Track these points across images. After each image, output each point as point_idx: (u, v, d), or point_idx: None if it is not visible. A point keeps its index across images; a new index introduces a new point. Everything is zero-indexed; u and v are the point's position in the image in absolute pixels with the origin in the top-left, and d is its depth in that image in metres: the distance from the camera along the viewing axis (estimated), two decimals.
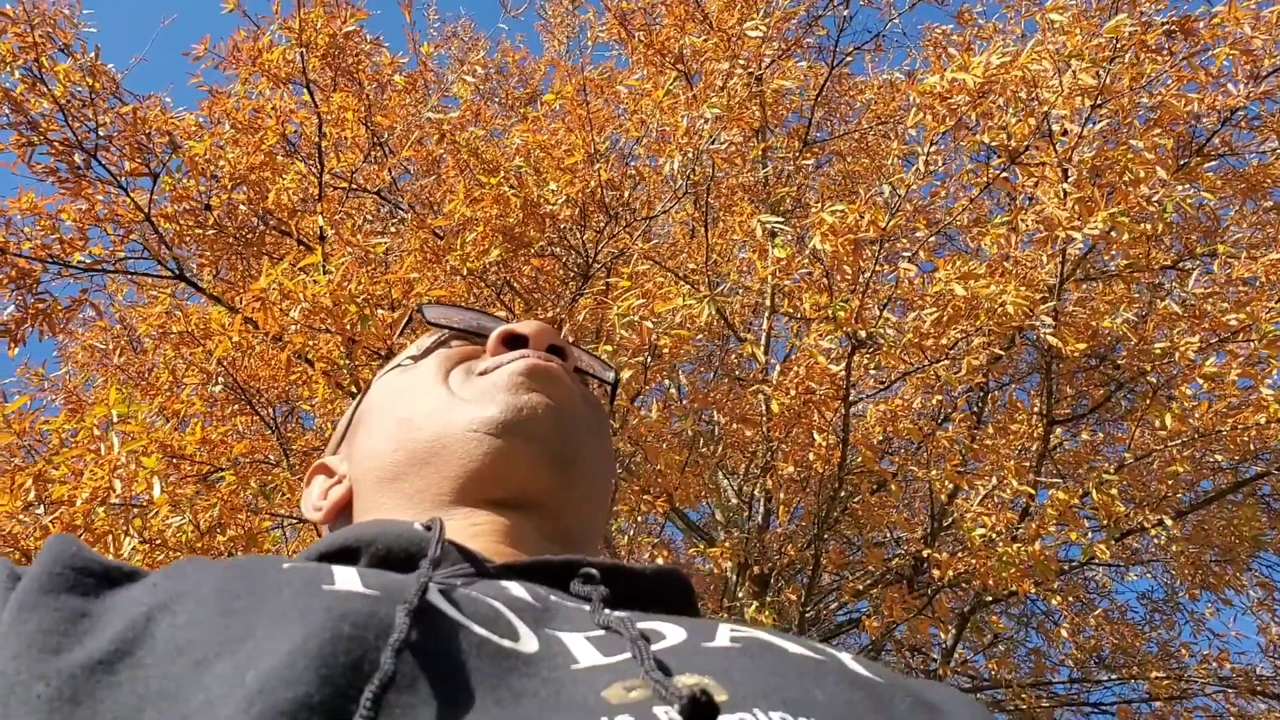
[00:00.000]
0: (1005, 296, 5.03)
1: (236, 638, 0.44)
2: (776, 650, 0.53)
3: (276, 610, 0.46)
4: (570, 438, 0.78)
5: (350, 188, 5.81)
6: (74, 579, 0.49)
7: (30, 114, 4.89)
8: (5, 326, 5.06)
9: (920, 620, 6.38)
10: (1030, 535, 5.59)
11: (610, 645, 0.51)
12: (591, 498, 0.81)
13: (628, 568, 0.65)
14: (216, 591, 0.48)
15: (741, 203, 7.62)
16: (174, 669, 0.43)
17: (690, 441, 7.63)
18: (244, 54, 5.50)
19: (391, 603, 0.48)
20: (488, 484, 0.74)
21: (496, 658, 0.48)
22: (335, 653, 0.42)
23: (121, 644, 0.44)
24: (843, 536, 8.45)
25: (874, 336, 5.44)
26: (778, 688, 0.47)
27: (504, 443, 0.74)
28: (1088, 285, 7.11)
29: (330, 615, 0.45)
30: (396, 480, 0.77)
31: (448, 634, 0.48)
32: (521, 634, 0.51)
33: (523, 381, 0.79)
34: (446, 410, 0.78)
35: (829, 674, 0.51)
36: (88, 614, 0.47)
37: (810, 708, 0.46)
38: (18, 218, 5.03)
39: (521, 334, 0.85)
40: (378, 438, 0.81)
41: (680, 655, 0.51)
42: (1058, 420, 6.55)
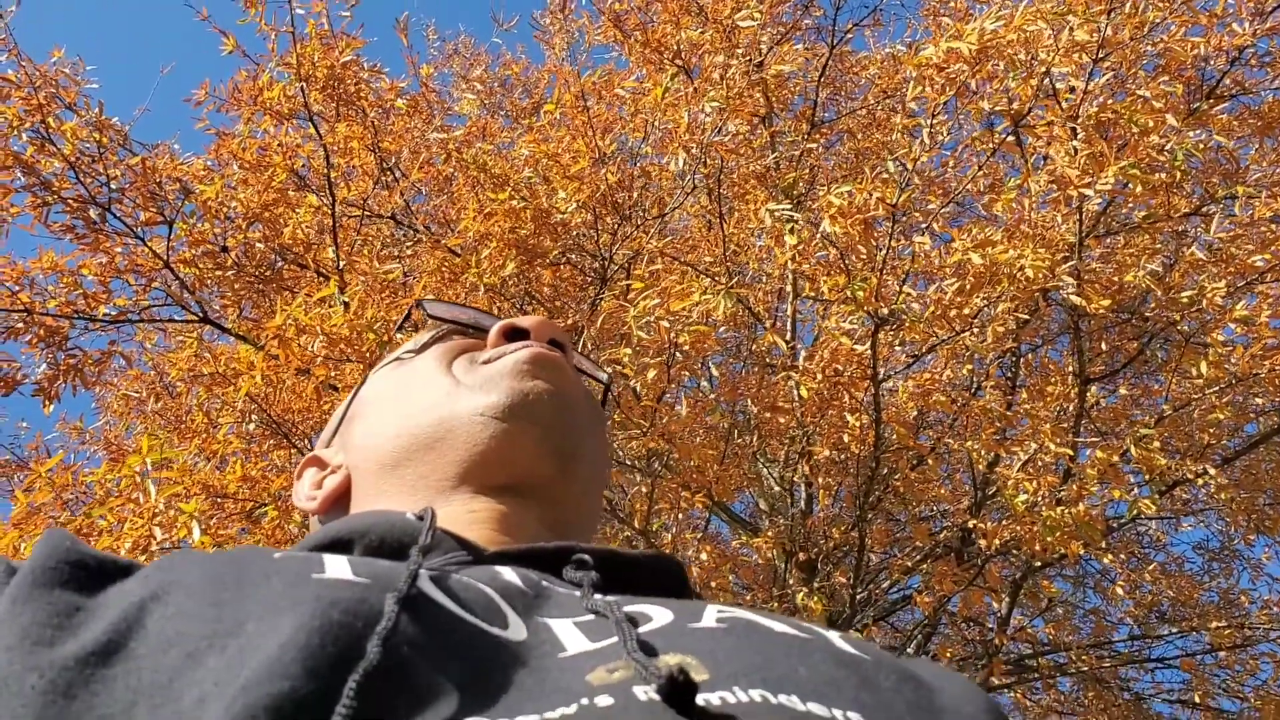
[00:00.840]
0: (1023, 261, 4.99)
1: (227, 629, 0.44)
2: (762, 629, 0.53)
3: (267, 600, 0.47)
4: (573, 427, 0.80)
5: (363, 215, 5.86)
6: (68, 573, 0.49)
7: (42, 174, 4.97)
8: (39, 385, 5.15)
9: (972, 591, 6.34)
10: (1073, 497, 5.53)
11: (598, 630, 0.52)
12: (589, 490, 0.82)
13: (621, 553, 0.66)
14: (207, 582, 0.49)
15: (755, 190, 7.59)
16: (165, 661, 0.43)
17: (726, 433, 7.63)
18: (245, 94, 5.56)
19: (381, 590, 0.48)
20: (492, 468, 0.75)
21: (485, 646, 0.48)
22: (323, 643, 0.42)
23: (115, 635, 0.44)
24: (887, 514, 8.41)
25: (896, 313, 5.42)
26: (760, 665, 0.47)
27: (510, 426, 0.76)
28: (1110, 240, 7.02)
29: (319, 604, 0.45)
30: (399, 467, 0.78)
31: (437, 622, 0.48)
32: (511, 622, 0.52)
33: (528, 369, 0.80)
34: (451, 396, 0.79)
35: (814, 651, 0.51)
36: (81, 607, 0.47)
37: (792, 685, 0.46)
38: (40, 277, 5.11)
39: (523, 327, 0.87)
40: (380, 426, 0.82)
41: (666, 636, 0.51)
42: (1091, 379, 6.48)
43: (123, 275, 5.36)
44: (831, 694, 0.46)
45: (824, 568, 6.88)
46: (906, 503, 8.13)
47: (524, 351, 0.82)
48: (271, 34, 5.42)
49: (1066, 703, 8.74)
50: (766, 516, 8.46)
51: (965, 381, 7.22)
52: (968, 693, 0.55)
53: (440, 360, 0.85)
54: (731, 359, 9.80)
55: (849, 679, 0.49)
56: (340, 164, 5.98)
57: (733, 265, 7.01)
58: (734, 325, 8.51)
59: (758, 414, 7.23)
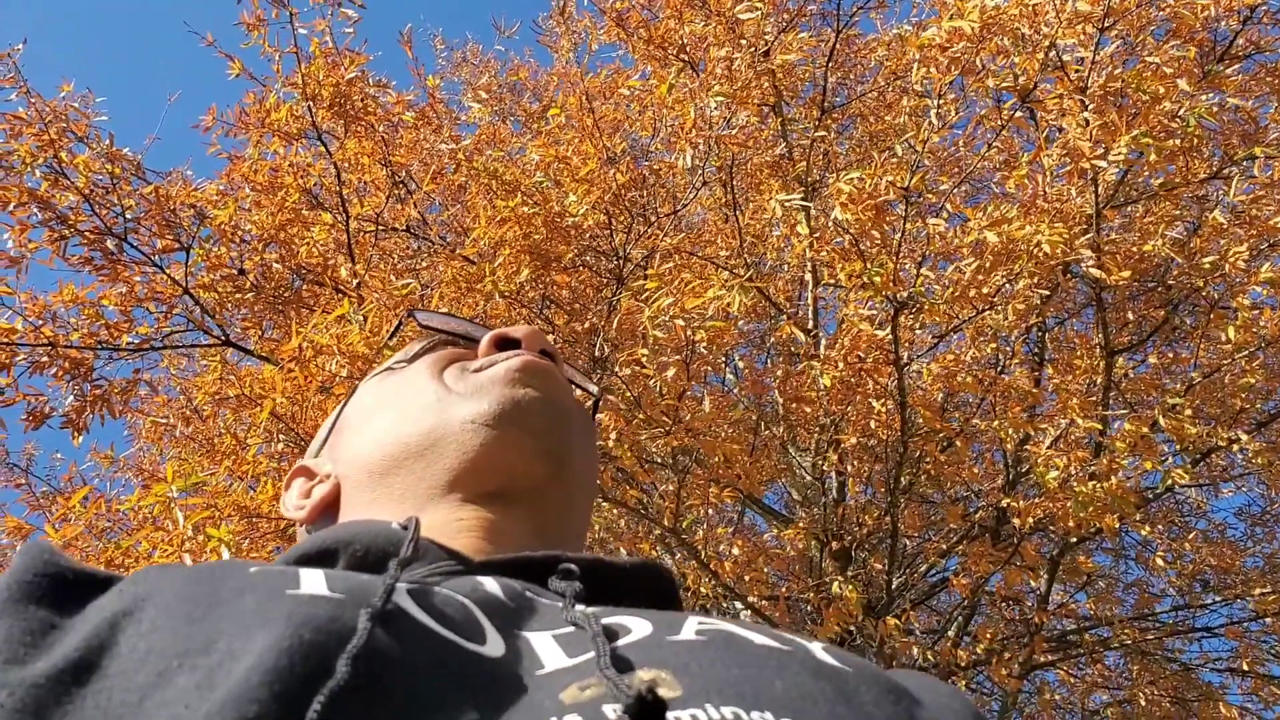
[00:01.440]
0: (1039, 236, 4.95)
1: (199, 647, 0.44)
2: (740, 642, 0.52)
3: (239, 618, 0.46)
4: (564, 434, 0.80)
5: (377, 229, 5.88)
6: (45, 587, 0.49)
7: (58, 208, 5.03)
8: (67, 417, 5.21)
9: (1009, 571, 6.30)
10: (1105, 471, 5.49)
11: (576, 644, 0.51)
12: (578, 497, 0.82)
13: (607, 562, 0.66)
14: (180, 598, 0.48)
15: (769, 180, 7.56)
16: (137, 679, 0.42)
17: (753, 426, 7.61)
18: (252, 117, 5.59)
19: (356, 606, 0.47)
20: (483, 475, 0.75)
21: (461, 663, 0.48)
22: (292, 664, 0.41)
23: (86, 652, 0.44)
24: (920, 498, 8.37)
25: (915, 296, 5.39)
26: (736, 680, 0.47)
27: (500, 433, 0.76)
28: (1129, 209, 6.95)
29: (290, 623, 0.44)
30: (388, 475, 0.78)
31: (412, 638, 0.48)
32: (489, 637, 0.52)
33: (519, 377, 0.81)
34: (442, 404, 0.79)
35: (792, 664, 0.51)
36: (56, 624, 0.47)
37: (767, 700, 0.46)
38: (62, 310, 5.17)
39: (514, 337, 0.88)
40: (370, 435, 0.82)
41: (643, 650, 0.51)
42: (1118, 350, 6.42)
43: (143, 303, 5.42)
44: (807, 708, 0.46)
45: (859, 555, 6.86)
46: (940, 485, 8.10)
47: (515, 360, 0.83)
48: (276, 55, 5.46)
49: (1113, 677, 8.66)
50: (800, 506, 8.45)
51: (991, 360, 7.16)
52: (953, 703, 0.55)
53: (431, 369, 0.86)
54: (756, 350, 9.78)
55: (826, 692, 0.48)
56: (352, 180, 6.00)
57: (750, 257, 6.99)
58: (755, 316, 8.50)
59: (784, 404, 7.22)
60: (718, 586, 5.85)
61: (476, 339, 0.92)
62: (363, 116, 5.76)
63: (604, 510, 7.05)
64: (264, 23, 5.31)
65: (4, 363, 5.07)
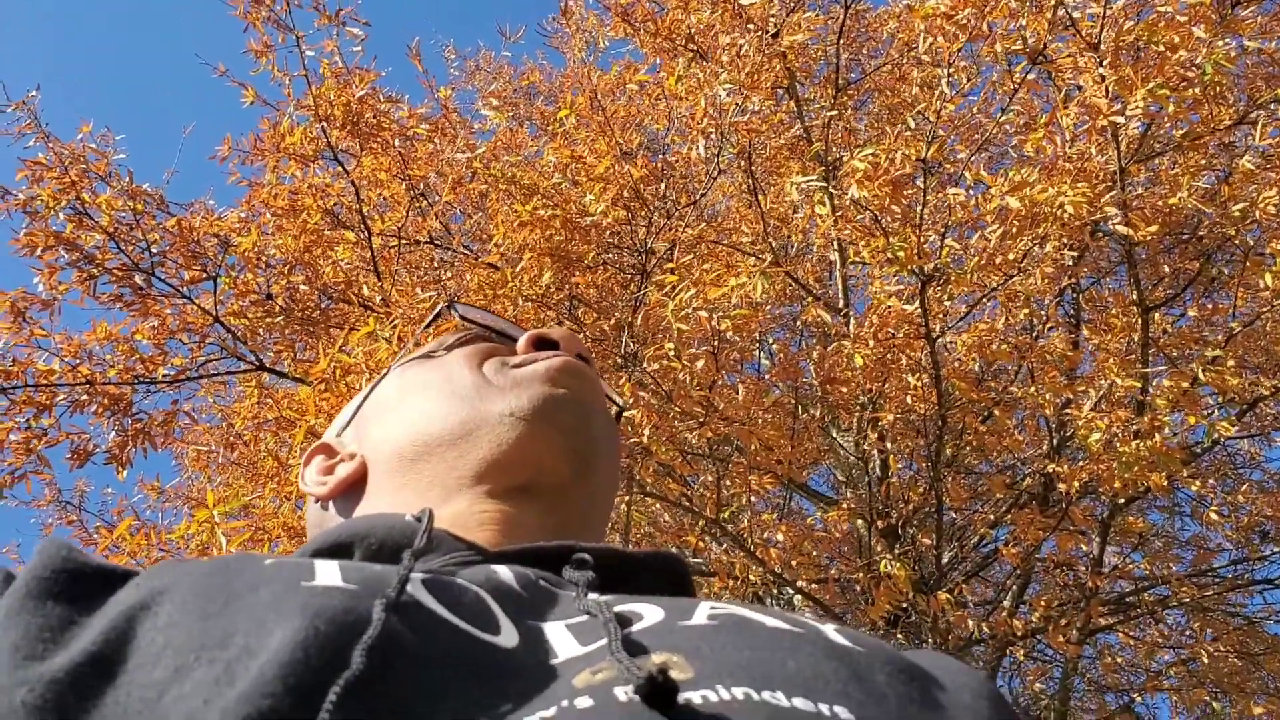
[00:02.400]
0: (1062, 198, 4.89)
1: (216, 641, 0.44)
2: (753, 625, 0.52)
3: (255, 612, 0.46)
4: (593, 437, 0.82)
5: (400, 243, 5.92)
6: (63, 583, 0.49)
7: (84, 248, 5.10)
8: (110, 453, 5.29)
9: (1060, 536, 6.23)
10: (1148, 429, 5.41)
11: (589, 632, 0.52)
12: (598, 500, 0.83)
13: (621, 552, 0.66)
14: (196, 592, 0.48)
15: (788, 163, 7.53)
16: (155, 675, 0.43)
17: (791, 410, 7.58)
18: (267, 143, 5.64)
19: (370, 597, 0.47)
20: (513, 469, 0.76)
21: (474, 653, 0.48)
22: (308, 656, 0.42)
23: (104, 647, 0.44)
24: (966, 470, 8.31)
25: (941, 268, 5.35)
26: (747, 663, 0.47)
27: (535, 429, 0.78)
28: (1155, 162, 6.84)
29: (305, 615, 0.44)
30: (419, 460, 0.78)
31: (426, 628, 0.48)
32: (503, 627, 0.52)
33: (557, 376, 0.83)
34: (480, 396, 0.81)
35: (804, 645, 0.50)
36: (75, 619, 0.47)
37: (778, 681, 0.46)
38: (97, 348, 5.25)
39: (552, 338, 0.89)
40: (406, 418, 0.83)
41: (655, 635, 0.51)
42: (1153, 306, 6.32)
43: (176, 335, 5.48)
44: (819, 688, 0.46)
45: (906, 532, 6.81)
46: (985, 455, 8.03)
47: (556, 360, 0.85)
48: (286, 80, 5.50)
49: (1174, 636, 8.56)
50: (845, 487, 8.42)
51: (1025, 326, 7.08)
52: (970, 681, 0.54)
53: (470, 360, 0.87)
54: (790, 334, 9.75)
55: (839, 672, 0.48)
56: (372, 197, 6.04)
57: (775, 241, 6.96)
58: (786, 300, 8.46)
59: (821, 386, 7.18)
60: (766, 574, 5.83)
61: (513, 336, 0.94)
62: (377, 133, 5.79)
63: (647, 504, 7.05)
64: (271, 49, 5.36)
65: (45, 404, 5.15)
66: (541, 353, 0.87)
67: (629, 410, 4.66)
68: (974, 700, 0.52)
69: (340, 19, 5.49)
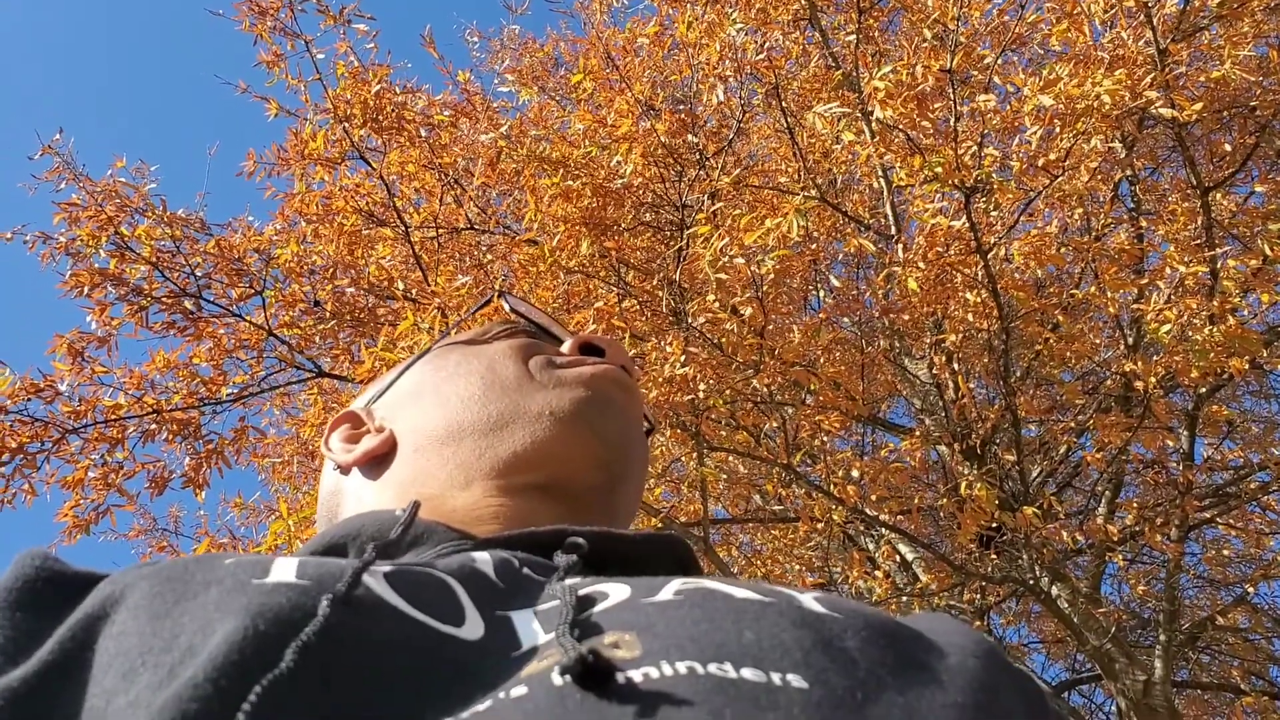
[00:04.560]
0: (1098, 89, 4.72)
1: (161, 646, 0.43)
2: (719, 597, 0.51)
3: (202, 612, 0.45)
4: (628, 450, 0.81)
5: (438, 233, 5.93)
6: (32, 594, 0.49)
7: (131, 281, 5.19)
8: (186, 476, 5.41)
9: (1146, 435, 6.09)
10: (1220, 313, 5.24)
11: (554, 618, 0.50)
12: (619, 518, 0.82)
13: (617, 534, 0.65)
14: (151, 595, 0.47)
15: (819, 96, 7.39)
16: (105, 683, 0.42)
17: (858, 344, 7.50)
18: (291, 152, 5.68)
19: (321, 593, 0.46)
20: (539, 466, 0.76)
21: (426, 647, 0.47)
22: (243, 658, 0.41)
23: (62, 656, 0.44)
24: (1043, 380, 8.15)
25: (983, 179, 5.21)
26: (700, 635, 0.46)
27: (574, 431, 0.77)
28: (1199, 38, 6.57)
29: (246, 614, 0.43)
30: (449, 443, 0.78)
31: (377, 622, 0.47)
32: (468, 618, 0.51)
33: (602, 384, 0.83)
34: (522, 390, 0.80)
35: (769, 615, 0.49)
36: (39, 629, 0.46)
37: (729, 652, 0.44)
38: (159, 377, 5.35)
39: (599, 345, 0.90)
40: (443, 399, 0.82)
41: (613, 615, 0.50)
42: (1211, 186, 6.10)
43: (233, 354, 5.58)
44: (774, 658, 0.45)
45: (988, 451, 6.70)
46: (1064, 363, 7.85)
47: (604, 368, 0.85)
48: (302, 86, 5.53)
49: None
50: (924, 414, 8.31)
51: (1083, 227, 6.89)
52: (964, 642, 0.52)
53: (515, 353, 0.86)
54: (849, 268, 9.62)
55: (803, 640, 0.46)
56: (405, 191, 6.06)
57: (817, 176, 6.85)
58: (838, 234, 8.34)
59: (882, 316, 7.09)
60: (848, 512, 5.78)
61: (557, 336, 0.95)
62: (400, 126, 5.80)
63: (719, 459, 7.03)
64: (283, 58, 5.38)
65: (117, 438, 5.28)
66: (588, 358, 0.87)
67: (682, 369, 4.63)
68: (961, 659, 0.50)
69: (346, 18, 5.49)
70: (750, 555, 8.60)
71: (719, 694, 0.41)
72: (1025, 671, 0.55)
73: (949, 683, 0.47)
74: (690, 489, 6.98)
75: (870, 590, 6.62)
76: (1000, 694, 0.49)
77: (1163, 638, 6.36)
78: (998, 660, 0.51)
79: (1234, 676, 8.45)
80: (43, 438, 4.98)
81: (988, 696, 0.47)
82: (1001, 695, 0.49)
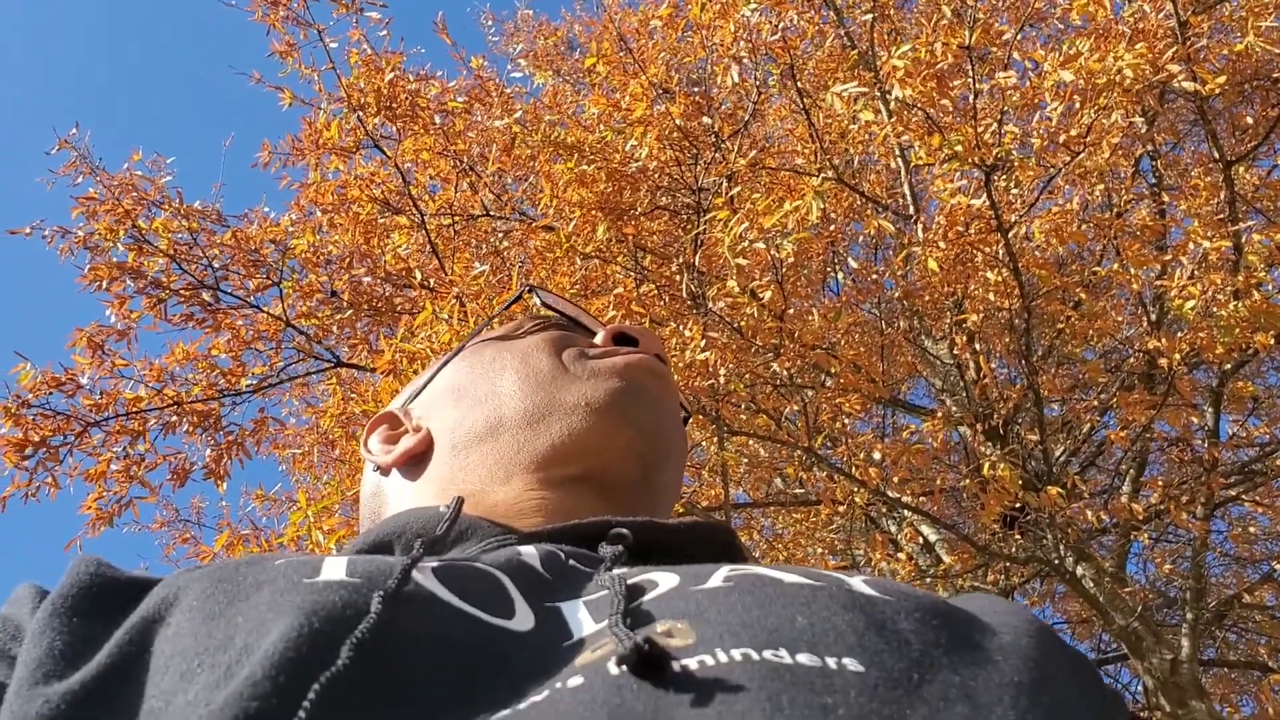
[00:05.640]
0: (1119, 63, 4.67)
1: (217, 645, 0.44)
2: (768, 583, 0.51)
3: (255, 613, 0.46)
4: (664, 439, 0.81)
5: (454, 220, 5.92)
6: (89, 600, 0.50)
7: (149, 274, 5.20)
8: (207, 468, 5.43)
9: (1170, 412, 6.04)
10: (1245, 288, 5.19)
11: (604, 607, 0.51)
12: (660, 505, 0.81)
13: (661, 523, 0.65)
14: (204, 597, 0.48)
15: (835, 76, 7.33)
16: (164, 684, 0.43)
17: (878, 326, 7.47)
18: (306, 142, 5.67)
19: (372, 590, 0.47)
20: (578, 457, 0.75)
21: (482, 639, 0.47)
22: (299, 654, 0.41)
23: (120, 659, 0.45)
24: (1067, 360, 8.10)
25: (1003, 157, 5.17)
26: (751, 622, 0.46)
27: (609, 421, 0.77)
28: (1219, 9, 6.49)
29: (300, 613, 0.44)
30: (487, 440, 0.78)
31: (429, 617, 0.47)
32: (518, 610, 0.51)
33: (636, 373, 0.82)
34: (558, 383, 0.80)
35: (820, 599, 0.49)
36: (95, 634, 0.48)
37: (783, 638, 0.44)
38: (179, 369, 5.37)
39: (632, 335, 0.90)
40: (479, 396, 0.82)
41: (664, 603, 0.50)
42: (1234, 160, 6.03)
43: (252, 345, 5.59)
44: (828, 641, 0.45)
45: (1010, 431, 6.66)
46: (1087, 341, 7.80)
47: (637, 357, 0.84)
48: (315, 75, 5.52)
49: None
50: (945, 395, 8.27)
51: (1103, 204, 6.83)
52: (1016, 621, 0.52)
53: (549, 346, 0.86)
54: (867, 250, 9.57)
55: (856, 624, 0.47)
56: (421, 179, 6.05)
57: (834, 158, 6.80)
58: (856, 216, 8.29)
59: (902, 298, 7.05)
60: (871, 495, 5.76)
61: (589, 328, 0.96)
62: (414, 114, 5.78)
63: (740, 443, 7.01)
64: (295, 47, 5.37)
65: (138, 430, 5.30)
66: (621, 348, 0.86)
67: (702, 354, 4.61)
68: (1014, 639, 0.49)
69: (358, 5, 5.48)
70: (772, 539, 8.59)
71: (775, 679, 0.41)
72: (1079, 651, 0.54)
73: (1003, 662, 0.47)
74: (711, 474, 6.98)
75: (893, 573, 6.60)
76: (1056, 673, 0.48)
77: (1189, 616, 6.32)
78: (1052, 639, 0.51)
79: (1261, 654, 8.40)
80: (65, 431, 5.02)
81: (1043, 675, 0.47)
82: (1057, 674, 0.48)
